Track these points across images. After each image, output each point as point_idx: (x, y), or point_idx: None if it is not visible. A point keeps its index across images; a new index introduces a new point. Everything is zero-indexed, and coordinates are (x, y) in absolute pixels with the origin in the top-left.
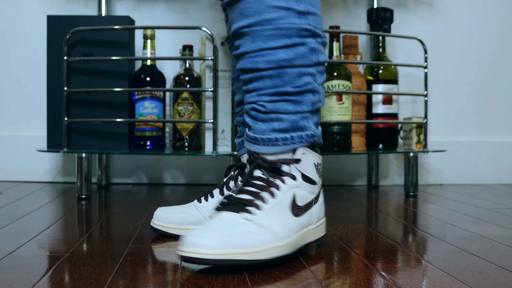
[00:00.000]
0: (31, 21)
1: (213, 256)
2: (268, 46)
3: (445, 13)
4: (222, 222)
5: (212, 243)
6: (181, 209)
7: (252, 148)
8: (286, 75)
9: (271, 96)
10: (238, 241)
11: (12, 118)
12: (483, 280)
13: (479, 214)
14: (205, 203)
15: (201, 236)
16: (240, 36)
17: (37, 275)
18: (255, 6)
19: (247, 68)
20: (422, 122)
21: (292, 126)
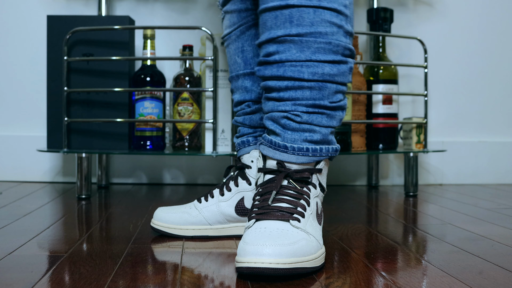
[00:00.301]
0: (31, 21)
1: (280, 265)
2: (316, 58)
3: (445, 13)
4: (274, 230)
5: (277, 252)
6: (181, 209)
7: (278, 156)
8: (326, 89)
9: (308, 107)
10: (299, 249)
11: (12, 118)
12: (483, 280)
13: (479, 214)
14: (205, 203)
15: (261, 245)
16: (281, 43)
17: (37, 275)
18: (310, 17)
19: (286, 76)
20: (422, 122)
21: (322, 139)
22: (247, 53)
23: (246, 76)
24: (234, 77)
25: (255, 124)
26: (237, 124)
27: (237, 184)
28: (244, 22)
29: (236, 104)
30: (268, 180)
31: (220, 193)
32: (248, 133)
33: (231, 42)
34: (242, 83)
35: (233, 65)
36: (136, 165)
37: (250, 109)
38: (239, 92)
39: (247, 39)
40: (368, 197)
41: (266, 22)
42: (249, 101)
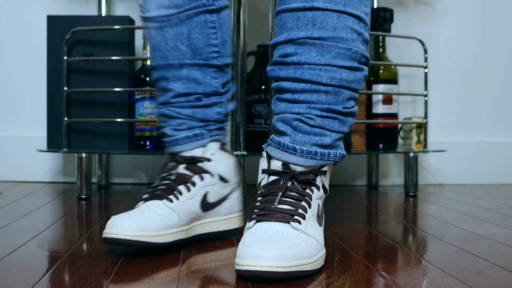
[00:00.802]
0: (31, 21)
1: (280, 269)
2: (335, 63)
3: (445, 13)
4: (274, 233)
5: (276, 255)
6: (150, 212)
7: (286, 158)
8: (341, 95)
9: (322, 111)
10: (299, 252)
11: (12, 118)
12: (483, 280)
13: (479, 214)
14: (177, 202)
15: (261, 248)
16: (301, 44)
17: (37, 275)
18: (333, 22)
19: (303, 78)
20: (422, 122)
21: (332, 143)
22: (196, 42)
23: (196, 67)
24: (173, 65)
25: (210, 118)
26: (178, 116)
27: (202, 178)
28: (193, 7)
29: (178, 96)
30: (272, 181)
31: (187, 189)
32: (199, 126)
33: (170, 26)
34: (189, 73)
35: (170, 51)
36: (136, 165)
37: (202, 102)
38: (182, 83)
39: (196, 26)
40: (368, 197)
41: (286, 22)
42: (201, 94)
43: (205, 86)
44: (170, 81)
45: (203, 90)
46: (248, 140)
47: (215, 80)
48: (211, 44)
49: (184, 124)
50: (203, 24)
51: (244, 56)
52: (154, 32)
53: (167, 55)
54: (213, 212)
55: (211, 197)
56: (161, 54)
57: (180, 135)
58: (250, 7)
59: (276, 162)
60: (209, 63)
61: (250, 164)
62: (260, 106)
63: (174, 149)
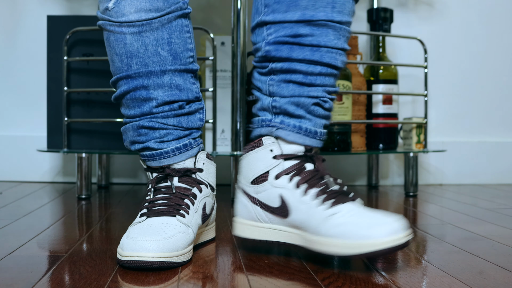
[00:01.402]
0: (31, 21)
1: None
2: (345, 47)
3: (445, 13)
4: (362, 211)
5: (403, 224)
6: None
7: (308, 142)
8: (337, 77)
9: (331, 94)
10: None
11: (12, 118)
12: (483, 280)
13: (479, 214)
14: (189, 217)
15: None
16: (319, 26)
17: (37, 275)
18: (349, 6)
19: (323, 61)
20: (422, 122)
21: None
22: (176, 47)
23: (177, 73)
24: (154, 72)
25: (193, 125)
26: (164, 126)
27: (200, 190)
28: (173, 10)
29: (162, 104)
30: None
31: (191, 202)
32: (185, 135)
33: (149, 30)
34: (171, 80)
35: (151, 57)
36: (136, 165)
37: (185, 109)
38: (164, 90)
39: (175, 30)
40: (368, 197)
41: (298, 1)
42: (183, 101)
43: (187, 92)
44: (151, 90)
45: (186, 96)
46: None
47: (194, 86)
48: (188, 48)
49: (170, 134)
50: (181, 28)
51: (244, 56)
52: (130, 38)
53: (147, 62)
54: (208, 222)
55: (208, 208)
56: (139, 61)
57: (168, 147)
58: (250, 7)
59: (292, 146)
60: (188, 68)
61: None
62: None
63: (162, 162)
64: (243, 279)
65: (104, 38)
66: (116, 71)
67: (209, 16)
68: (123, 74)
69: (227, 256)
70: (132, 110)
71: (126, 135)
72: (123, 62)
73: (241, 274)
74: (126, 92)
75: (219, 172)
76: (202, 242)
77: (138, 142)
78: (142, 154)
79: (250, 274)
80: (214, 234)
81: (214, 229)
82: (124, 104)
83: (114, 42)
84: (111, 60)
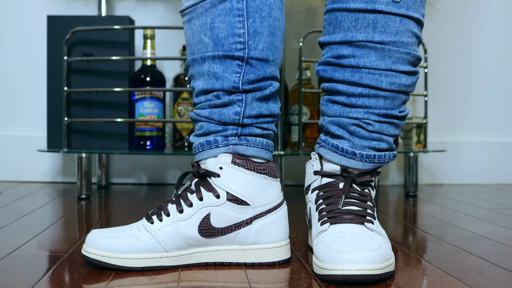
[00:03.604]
0: (31, 21)
1: (374, 271)
2: (396, 68)
3: (445, 13)
4: (353, 234)
5: (371, 258)
6: (125, 232)
7: (345, 162)
8: (398, 100)
9: (380, 116)
10: (385, 253)
11: (12, 118)
12: (483, 280)
13: (479, 214)
14: (159, 224)
15: (353, 251)
16: (360, 47)
17: (37, 275)
18: (395, 25)
19: (362, 83)
20: (422, 122)
21: (388, 147)
22: (218, 31)
23: (216, 60)
24: (197, 60)
25: (227, 120)
26: (198, 118)
27: (200, 198)
28: None
29: (199, 93)
30: (328, 183)
31: (178, 209)
32: (216, 131)
33: (195, 17)
34: (210, 67)
35: (196, 45)
36: (136, 165)
37: (220, 100)
38: (204, 79)
39: (220, 14)
40: None
41: (342, 22)
42: (219, 90)
43: (223, 81)
44: (195, 79)
45: (221, 86)
46: None
47: (236, 75)
48: (235, 33)
49: (202, 128)
50: (228, 12)
51: None
52: (186, 27)
53: (194, 50)
54: (225, 239)
55: (217, 220)
56: (190, 50)
57: (197, 142)
58: None
59: (331, 164)
60: (229, 55)
61: None
62: None
63: (195, 158)
64: (244, 279)
65: None
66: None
67: None
68: (186, 65)
69: None
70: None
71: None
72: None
73: (242, 275)
74: (187, 82)
75: None
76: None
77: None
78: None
79: (251, 275)
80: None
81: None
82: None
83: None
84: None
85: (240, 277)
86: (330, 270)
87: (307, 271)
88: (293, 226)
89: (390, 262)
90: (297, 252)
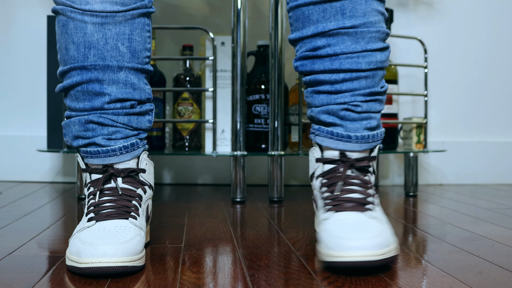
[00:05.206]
0: (31, 21)
1: (379, 257)
2: (370, 47)
3: (445, 13)
4: (360, 222)
5: (380, 243)
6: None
7: (342, 146)
8: (377, 76)
9: (365, 96)
10: (385, 240)
11: (12, 118)
12: (483, 280)
13: (479, 214)
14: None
15: (362, 238)
16: (333, 36)
17: (37, 275)
18: (362, 8)
19: (343, 68)
20: (422, 122)
21: (377, 124)
22: (136, 44)
23: (133, 71)
24: (110, 67)
25: (142, 126)
26: (113, 124)
27: (145, 191)
28: (138, 7)
29: (114, 101)
30: (330, 169)
31: (139, 204)
32: (133, 135)
33: (113, 23)
34: (127, 77)
35: (110, 51)
36: None
37: (137, 109)
38: (119, 87)
39: (137, 27)
40: None
41: (310, 15)
42: (136, 100)
43: (140, 92)
44: (105, 85)
45: (139, 96)
46: (248, 140)
47: (147, 87)
48: (146, 48)
49: (118, 132)
50: (142, 27)
51: (244, 56)
52: (92, 28)
53: (105, 55)
54: (146, 225)
55: (150, 209)
56: (97, 53)
57: (116, 145)
58: (250, 7)
59: (330, 151)
60: (143, 68)
61: (251, 164)
62: (260, 106)
63: (107, 160)
64: (244, 279)
65: (59, 25)
66: (69, 60)
67: (209, 16)
68: (78, 65)
69: (227, 256)
70: (81, 103)
71: (69, 129)
72: (79, 52)
73: (242, 275)
74: (78, 83)
75: (220, 172)
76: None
77: (83, 138)
78: (85, 150)
79: (250, 274)
80: (149, 238)
81: (149, 233)
82: (73, 96)
83: (73, 29)
84: (66, 48)
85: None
86: (335, 257)
87: (307, 271)
88: (293, 226)
89: (391, 248)
90: (297, 252)
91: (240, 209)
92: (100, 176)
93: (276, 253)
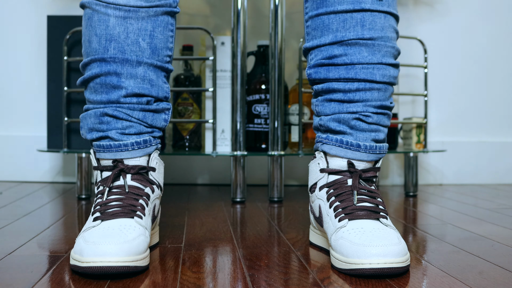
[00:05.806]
0: (31, 21)
1: (403, 264)
2: (385, 61)
3: (445, 13)
4: (374, 229)
5: (396, 251)
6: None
7: (350, 155)
8: (388, 91)
9: (376, 108)
10: (404, 247)
11: (12, 118)
12: (483, 280)
13: (479, 214)
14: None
15: (385, 245)
16: (351, 45)
17: (37, 275)
18: (381, 22)
19: (358, 78)
20: (422, 122)
21: (384, 138)
22: (157, 41)
23: (152, 68)
24: (129, 61)
25: (157, 124)
26: (128, 118)
27: (153, 190)
28: (162, 4)
29: (130, 95)
30: (336, 180)
31: (146, 203)
32: (147, 132)
33: (136, 18)
34: (145, 73)
35: (130, 45)
36: None
37: (153, 106)
38: (136, 82)
39: (160, 25)
40: None
41: (329, 24)
42: (153, 97)
43: (158, 90)
44: (123, 78)
45: (156, 93)
46: (248, 140)
47: (166, 85)
48: (168, 47)
49: (132, 127)
50: (166, 25)
51: (244, 56)
52: (114, 21)
53: (125, 48)
54: (153, 225)
55: (156, 209)
56: (118, 46)
57: (128, 141)
58: (250, 7)
59: (336, 160)
60: (163, 66)
61: (251, 164)
62: (260, 106)
63: (119, 155)
64: (244, 279)
65: (85, 18)
66: (91, 52)
67: (209, 16)
68: (98, 57)
69: (227, 256)
70: (99, 95)
71: (85, 122)
72: (101, 44)
73: (242, 275)
74: (97, 75)
75: (220, 172)
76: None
77: (97, 130)
78: (98, 144)
79: (250, 274)
80: (158, 239)
81: (157, 233)
82: (92, 88)
83: (96, 22)
84: (89, 40)
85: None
86: (357, 264)
87: (307, 271)
88: (293, 226)
89: (408, 255)
90: (297, 252)
91: (240, 209)
92: (110, 173)
93: (276, 253)
